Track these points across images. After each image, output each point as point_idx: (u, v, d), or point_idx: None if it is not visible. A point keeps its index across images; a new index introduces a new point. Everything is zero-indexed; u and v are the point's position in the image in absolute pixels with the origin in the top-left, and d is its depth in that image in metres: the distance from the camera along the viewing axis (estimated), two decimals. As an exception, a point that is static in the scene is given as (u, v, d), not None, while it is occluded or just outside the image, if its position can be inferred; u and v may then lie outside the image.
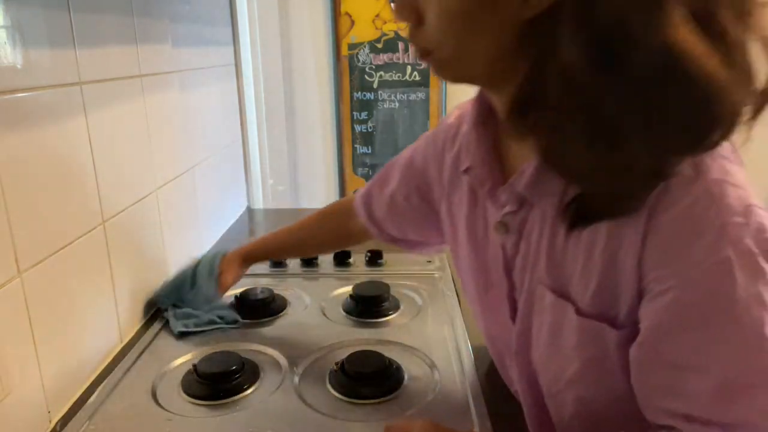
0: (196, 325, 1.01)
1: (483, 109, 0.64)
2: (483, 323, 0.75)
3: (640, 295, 0.50)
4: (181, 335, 1.00)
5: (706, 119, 0.44)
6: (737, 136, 0.47)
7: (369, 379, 0.84)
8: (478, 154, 0.64)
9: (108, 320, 0.97)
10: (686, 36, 0.42)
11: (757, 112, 0.46)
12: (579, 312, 0.54)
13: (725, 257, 0.44)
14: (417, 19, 0.53)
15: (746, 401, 0.46)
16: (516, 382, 0.69)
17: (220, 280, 1.03)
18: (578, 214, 0.52)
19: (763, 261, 0.45)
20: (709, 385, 0.46)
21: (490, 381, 0.85)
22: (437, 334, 0.99)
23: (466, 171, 0.67)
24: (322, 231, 1.05)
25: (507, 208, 0.61)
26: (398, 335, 0.99)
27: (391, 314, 1.07)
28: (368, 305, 1.08)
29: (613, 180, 0.47)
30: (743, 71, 0.44)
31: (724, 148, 0.48)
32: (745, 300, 0.44)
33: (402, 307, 1.10)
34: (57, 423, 0.80)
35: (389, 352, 0.90)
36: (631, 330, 0.51)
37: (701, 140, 0.45)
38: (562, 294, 0.56)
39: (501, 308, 0.66)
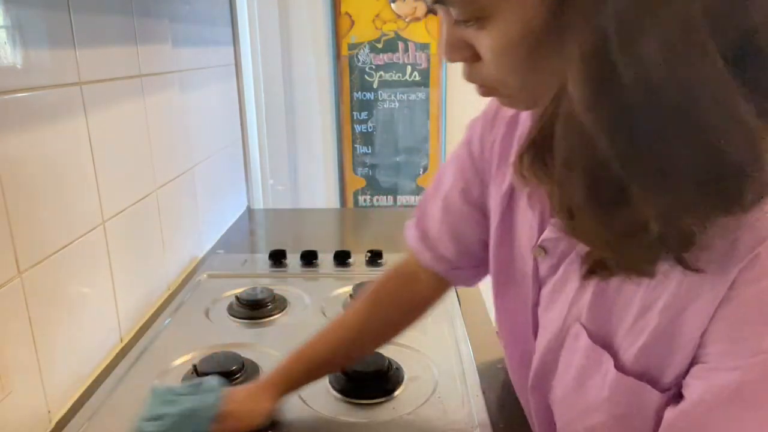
0: None
1: None
2: (500, 316, 0.71)
3: (693, 361, 0.46)
4: None
5: (730, 175, 0.37)
6: None
7: (369, 379, 0.84)
8: None
9: (108, 320, 0.97)
10: (713, 72, 0.36)
11: None
12: (618, 367, 0.49)
13: None
14: (472, 57, 0.48)
15: None
16: (532, 412, 0.65)
17: None
18: (592, 268, 0.48)
19: None
20: None
21: (490, 381, 0.85)
22: (437, 334, 0.99)
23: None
24: (381, 318, 0.80)
25: (550, 234, 0.56)
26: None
27: (391, 314, 1.07)
28: (368, 305, 1.08)
29: (618, 245, 0.42)
30: None
31: None
32: None
33: (402, 307, 1.09)
34: (57, 423, 0.80)
35: (389, 352, 0.90)
36: (674, 392, 0.47)
37: (727, 200, 0.38)
38: (602, 342, 0.51)
39: (521, 318, 0.63)
